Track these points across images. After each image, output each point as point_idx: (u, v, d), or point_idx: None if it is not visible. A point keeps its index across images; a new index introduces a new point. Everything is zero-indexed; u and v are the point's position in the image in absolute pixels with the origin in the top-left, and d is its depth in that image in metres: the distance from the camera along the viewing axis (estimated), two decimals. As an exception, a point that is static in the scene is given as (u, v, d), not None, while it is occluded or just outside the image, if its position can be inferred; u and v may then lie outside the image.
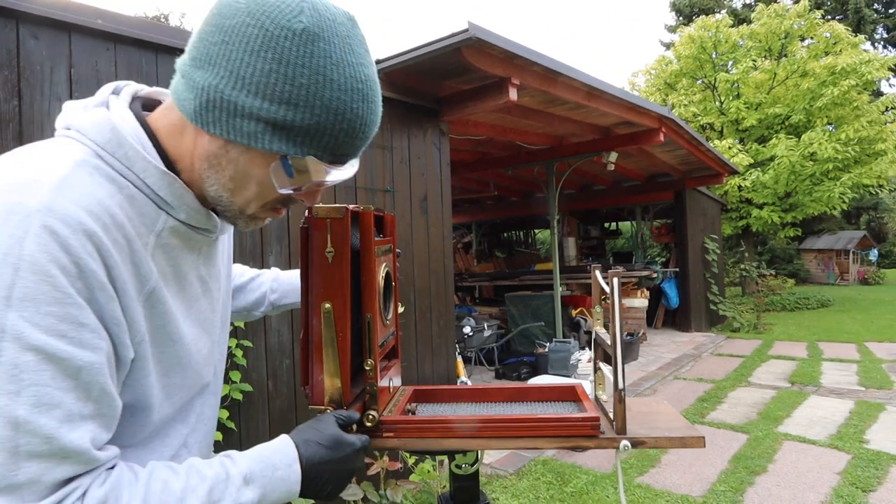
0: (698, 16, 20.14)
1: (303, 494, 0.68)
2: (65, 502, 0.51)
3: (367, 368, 0.85)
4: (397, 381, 1.06)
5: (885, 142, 11.96)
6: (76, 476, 0.53)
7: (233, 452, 0.65)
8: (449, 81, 3.68)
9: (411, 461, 2.79)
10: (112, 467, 0.57)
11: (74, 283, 0.52)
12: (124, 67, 2.25)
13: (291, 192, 0.65)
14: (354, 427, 0.81)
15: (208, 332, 0.77)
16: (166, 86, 0.68)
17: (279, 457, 0.66)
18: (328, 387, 0.84)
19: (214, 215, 0.71)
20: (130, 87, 0.69)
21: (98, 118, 0.61)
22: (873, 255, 19.85)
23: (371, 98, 0.63)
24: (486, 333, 6.04)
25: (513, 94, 3.57)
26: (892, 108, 12.76)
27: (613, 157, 6.15)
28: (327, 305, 0.80)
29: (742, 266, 11.60)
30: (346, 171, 0.67)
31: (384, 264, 0.92)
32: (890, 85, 20.43)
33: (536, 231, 14.77)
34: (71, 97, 2.08)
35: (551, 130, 5.68)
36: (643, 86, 15.47)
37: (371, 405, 0.86)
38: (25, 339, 0.49)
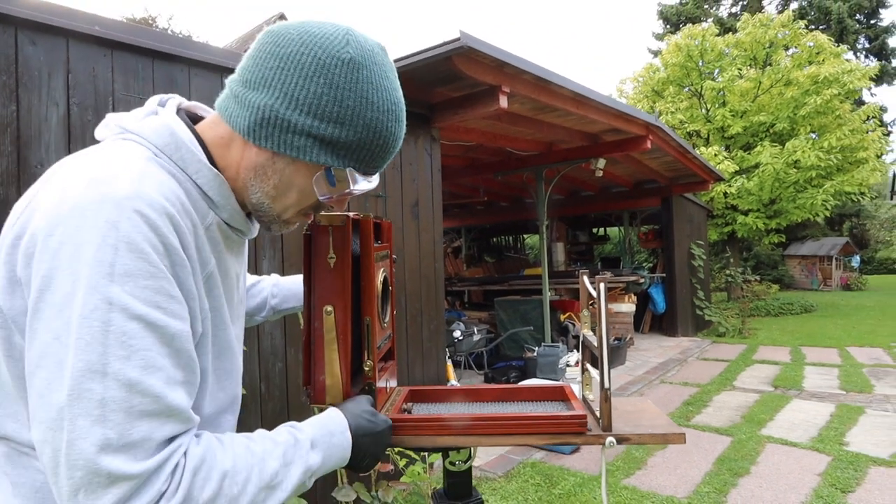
0: (685, 24, 20.42)
1: (349, 463, 0.77)
2: (171, 459, 0.56)
3: (367, 369, 0.89)
4: (393, 383, 1.10)
5: (867, 150, 12.21)
6: (178, 435, 0.57)
7: (295, 422, 0.72)
8: (440, 88, 3.74)
9: (402, 463, 2.82)
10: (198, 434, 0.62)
11: (163, 260, 0.58)
12: (121, 73, 2.27)
13: (328, 199, 0.72)
14: None
15: (238, 324, 0.83)
16: (161, 89, 0.73)
17: (334, 425, 0.74)
18: (329, 386, 0.88)
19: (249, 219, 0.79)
20: (174, 100, 0.75)
21: (157, 124, 0.67)
22: (855, 261, 20.22)
23: (401, 118, 0.72)
24: (476, 338, 6.09)
25: (503, 102, 3.63)
26: (872, 118, 13.03)
27: (601, 163, 6.25)
28: (329, 308, 0.84)
29: (728, 272, 11.76)
30: (373, 182, 0.75)
31: (382, 269, 0.96)
32: (871, 94, 20.85)
33: (525, 236, 14.87)
34: (68, 102, 2.10)
35: (541, 137, 5.76)
36: (631, 93, 15.65)
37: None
38: (130, 310, 0.54)
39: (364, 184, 0.72)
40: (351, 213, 0.86)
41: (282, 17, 13.62)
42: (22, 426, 0.62)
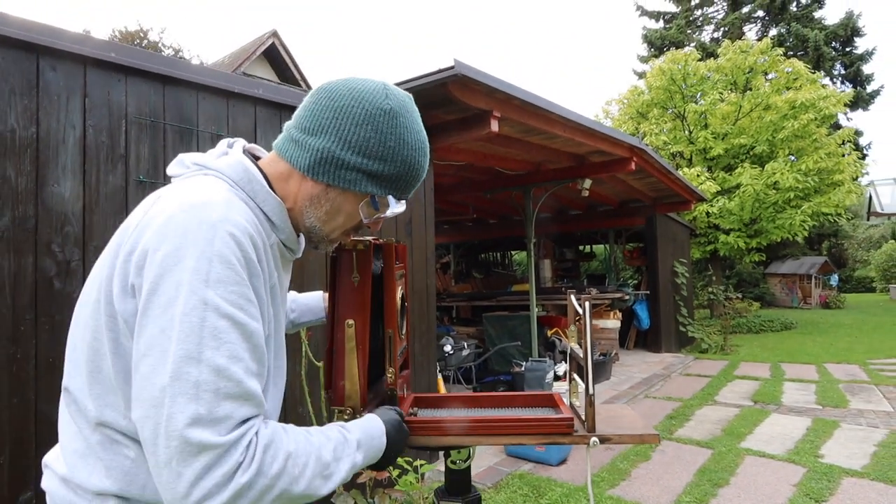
0: (669, 48, 20.99)
1: (376, 462, 0.89)
2: (246, 435, 0.67)
3: (389, 376, 1.01)
4: (408, 390, 1.22)
5: (843, 173, 12.62)
6: (251, 417, 0.69)
7: (344, 423, 0.85)
8: (434, 112, 3.90)
9: (395, 473, 2.91)
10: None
11: (244, 270, 0.71)
12: (134, 96, 2.39)
13: (369, 220, 0.88)
14: None
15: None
16: (171, 112, 0.86)
17: (375, 430, 0.88)
18: (348, 390, 1.00)
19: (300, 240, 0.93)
20: (240, 143, 0.90)
21: (232, 161, 0.82)
22: (834, 279, 20.66)
23: (427, 153, 0.88)
24: (465, 352, 6.19)
25: (494, 126, 3.80)
26: (848, 142, 13.48)
27: (588, 183, 6.44)
28: (350, 322, 0.96)
29: (710, 289, 12.02)
30: (403, 206, 0.90)
31: (400, 287, 1.09)
32: (848, 118, 21.52)
33: (513, 252, 15.06)
34: (84, 124, 2.21)
35: (529, 157, 5.95)
36: (617, 114, 16.02)
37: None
38: (221, 309, 0.67)
39: (398, 207, 0.88)
40: (371, 238, 0.99)
41: (275, 34, 13.81)
42: (119, 415, 0.75)
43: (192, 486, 0.63)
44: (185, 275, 0.67)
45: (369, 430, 0.87)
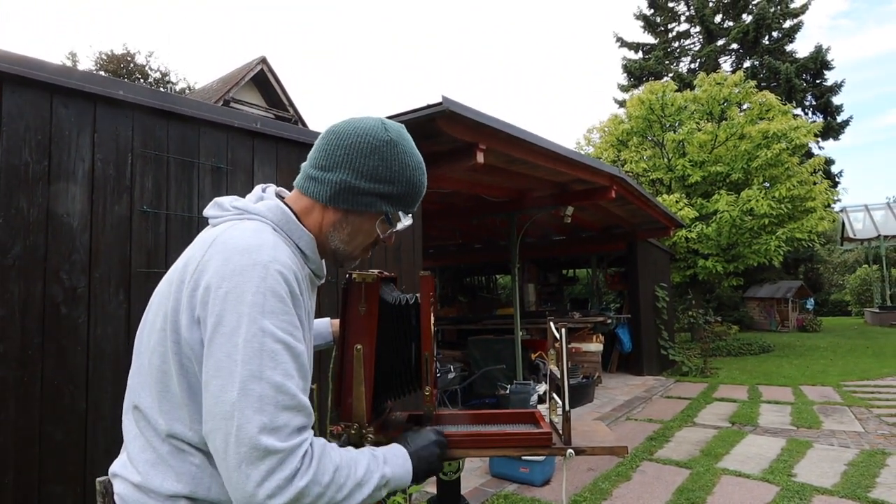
0: (647, 78, 21.74)
1: (413, 479, 1.00)
2: (303, 446, 0.80)
3: (426, 394, 1.15)
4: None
5: (815, 200, 13.10)
6: (304, 427, 0.82)
7: (373, 447, 0.97)
8: (423, 143, 4.05)
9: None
10: None
11: (290, 302, 0.85)
12: (140, 132, 2.52)
13: (384, 236, 1.04)
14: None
15: None
16: (175, 146, 1.07)
17: (400, 457, 0.98)
18: (355, 408, 1.12)
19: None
20: (272, 188, 1.05)
21: (271, 205, 0.97)
22: (810, 303, 21.12)
23: (425, 172, 1.05)
24: (451, 375, 6.29)
25: (480, 158, 3.99)
26: (819, 170, 14.01)
27: (570, 210, 6.66)
28: (358, 347, 1.09)
29: (690, 313, 12.27)
30: (411, 219, 1.05)
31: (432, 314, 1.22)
32: (819, 147, 22.32)
33: (498, 276, 15.22)
34: (93, 158, 2.33)
35: (513, 185, 6.16)
36: (598, 141, 16.46)
37: (426, 424, 1.18)
38: (275, 335, 0.81)
39: (407, 221, 1.04)
40: (377, 272, 1.13)
41: (264, 61, 14.05)
42: (185, 427, 0.87)
43: (259, 486, 0.75)
44: (244, 308, 0.80)
45: (394, 454, 0.98)
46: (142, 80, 21.91)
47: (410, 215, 1.06)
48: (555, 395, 1.39)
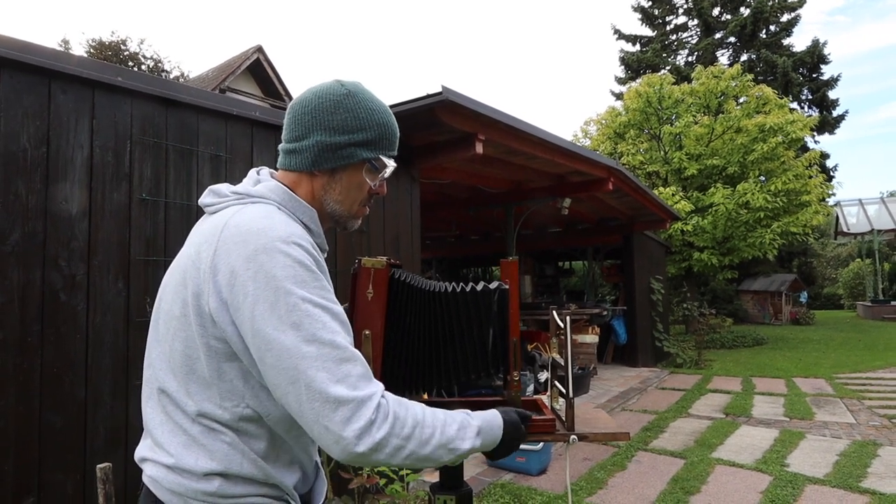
0: (645, 71, 21.68)
1: (490, 452, 1.02)
2: (374, 397, 0.84)
3: (515, 380, 1.17)
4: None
5: (810, 194, 13.14)
6: (366, 376, 0.85)
7: (468, 412, 0.99)
8: (421, 133, 4.06)
9: (382, 482, 3.02)
10: None
11: (317, 269, 0.87)
12: (138, 118, 2.50)
13: (376, 185, 1.04)
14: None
15: None
16: (173, 132, 1.14)
17: (495, 423, 1.00)
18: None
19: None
20: (266, 170, 1.06)
21: (272, 186, 0.98)
22: (803, 297, 21.27)
23: (391, 114, 1.06)
24: (447, 366, 6.30)
25: (479, 148, 3.98)
26: (814, 164, 14.05)
27: (567, 202, 6.67)
28: (367, 332, 1.10)
29: (685, 305, 12.32)
30: (393, 164, 1.06)
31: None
32: (815, 142, 22.37)
33: (494, 268, 15.25)
34: (92, 145, 2.32)
35: (511, 176, 6.15)
36: (595, 134, 16.42)
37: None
38: (314, 301, 0.83)
39: (392, 164, 1.05)
40: (386, 258, 1.13)
41: (260, 50, 13.94)
42: (215, 406, 0.88)
43: (339, 435, 0.79)
44: (277, 282, 0.82)
45: (491, 421, 1.00)
46: (135, 68, 21.66)
47: (393, 161, 1.07)
48: (557, 383, 1.40)
